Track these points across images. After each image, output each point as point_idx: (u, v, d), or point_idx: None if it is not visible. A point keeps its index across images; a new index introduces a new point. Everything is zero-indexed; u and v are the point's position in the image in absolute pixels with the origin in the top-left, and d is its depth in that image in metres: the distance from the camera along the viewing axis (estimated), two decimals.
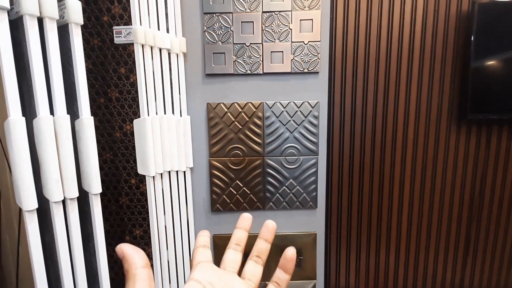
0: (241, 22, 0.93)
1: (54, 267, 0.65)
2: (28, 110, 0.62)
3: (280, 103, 0.98)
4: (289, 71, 0.96)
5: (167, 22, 0.88)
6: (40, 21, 0.59)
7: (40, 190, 0.61)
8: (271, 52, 0.95)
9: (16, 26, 0.58)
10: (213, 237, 1.04)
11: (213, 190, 1.01)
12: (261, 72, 0.96)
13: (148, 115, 0.85)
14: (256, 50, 0.95)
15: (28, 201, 0.56)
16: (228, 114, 0.98)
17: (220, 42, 0.95)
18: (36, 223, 0.58)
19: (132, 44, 0.80)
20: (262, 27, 0.94)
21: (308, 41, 0.95)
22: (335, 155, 1.06)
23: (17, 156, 0.55)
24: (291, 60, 0.96)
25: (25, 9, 0.55)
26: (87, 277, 0.70)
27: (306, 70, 0.96)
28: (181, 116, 0.96)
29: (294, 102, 0.98)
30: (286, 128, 0.99)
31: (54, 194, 0.60)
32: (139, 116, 0.83)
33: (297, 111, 0.98)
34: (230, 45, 0.95)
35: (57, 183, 0.60)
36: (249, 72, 0.96)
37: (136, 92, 0.77)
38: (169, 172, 0.93)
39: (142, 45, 0.82)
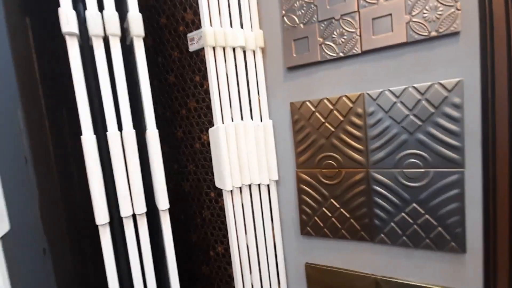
0: None
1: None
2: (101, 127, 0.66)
3: (390, 91, 0.67)
4: (404, 40, 0.64)
5: (240, 16, 0.78)
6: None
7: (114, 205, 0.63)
8: (373, 19, 0.67)
9: (87, 49, 0.63)
10: (305, 266, 0.85)
11: (302, 209, 0.82)
12: (359, 51, 0.69)
13: (223, 123, 0.77)
14: (349, 22, 0.69)
15: (100, 215, 0.59)
16: (316, 114, 0.76)
17: (301, 24, 0.75)
18: (108, 236, 0.60)
19: (203, 49, 0.75)
20: None
21: None
22: (501, 168, 0.61)
23: (90, 172, 0.58)
24: (407, 23, 0.63)
25: (91, 31, 0.57)
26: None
27: (434, 33, 0.61)
28: (261, 121, 0.83)
29: (414, 87, 0.64)
30: (403, 127, 0.67)
31: (123, 209, 0.61)
32: (213, 125, 0.77)
33: (420, 100, 0.64)
34: (314, 24, 0.73)
35: (125, 199, 0.61)
36: (341, 54, 0.71)
37: (210, 99, 0.70)
38: (250, 186, 0.82)
39: (213, 48, 0.75)
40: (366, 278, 0.76)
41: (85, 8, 0.58)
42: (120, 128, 0.61)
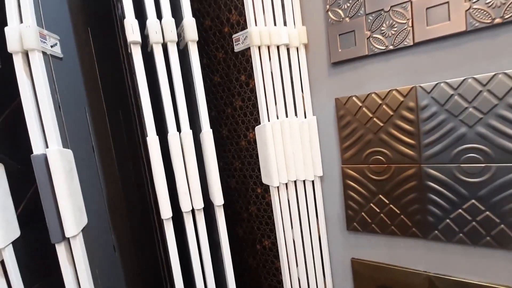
0: None
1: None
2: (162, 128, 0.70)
3: (446, 83, 0.64)
4: (464, 29, 0.61)
5: (284, 14, 0.79)
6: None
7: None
8: (427, 8, 0.64)
9: (149, 56, 0.67)
10: (351, 261, 0.85)
11: (348, 204, 0.82)
12: (411, 43, 0.67)
13: (269, 121, 0.79)
14: (401, 13, 0.67)
15: (164, 210, 0.63)
16: (364, 109, 0.75)
17: (347, 18, 0.74)
18: (172, 230, 0.65)
19: (249, 48, 0.76)
20: None
21: None
22: None
23: (155, 171, 0.62)
24: (466, 11, 0.60)
25: (152, 39, 0.61)
26: (217, 280, 0.73)
27: (499, 20, 0.57)
28: (305, 117, 0.83)
29: (474, 78, 0.61)
30: (461, 120, 0.64)
31: (184, 205, 0.65)
32: (260, 123, 0.79)
33: (481, 91, 0.61)
34: (361, 18, 0.72)
35: (186, 195, 0.65)
36: (391, 47, 0.69)
37: (256, 98, 0.72)
38: (295, 181, 0.83)
39: (259, 47, 0.76)
40: (418, 274, 0.75)
41: (143, 18, 0.62)
42: (178, 129, 0.64)
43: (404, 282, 0.77)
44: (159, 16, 0.62)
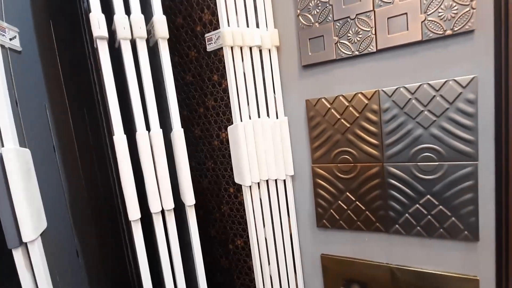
0: None
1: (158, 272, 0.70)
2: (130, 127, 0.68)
3: (405, 88, 0.69)
4: (419, 39, 0.66)
5: (256, 16, 0.80)
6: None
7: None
8: (388, 18, 0.69)
9: (117, 52, 0.65)
10: (321, 257, 0.88)
11: (318, 202, 0.85)
12: (374, 50, 0.71)
13: (241, 121, 0.79)
14: (365, 21, 0.71)
15: (132, 212, 0.61)
16: (332, 110, 0.79)
17: (317, 24, 0.77)
18: (140, 232, 0.63)
19: (222, 48, 0.77)
20: None
21: None
22: None
23: (123, 170, 0.60)
24: (422, 22, 0.65)
25: (120, 34, 0.59)
26: (189, 282, 0.72)
27: (449, 32, 0.63)
28: (277, 118, 0.85)
29: (429, 84, 0.67)
30: (417, 122, 0.69)
31: (153, 205, 0.64)
32: (232, 123, 0.79)
33: (434, 96, 0.67)
34: (329, 23, 0.75)
35: (155, 196, 0.63)
36: (356, 53, 0.73)
37: (229, 98, 0.73)
38: (267, 181, 0.85)
39: (231, 48, 0.77)
40: (381, 267, 0.80)
41: (110, 13, 0.60)
42: (148, 128, 0.63)
43: (368, 275, 0.81)
44: (128, 12, 0.60)
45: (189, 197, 0.67)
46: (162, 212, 0.65)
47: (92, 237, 0.77)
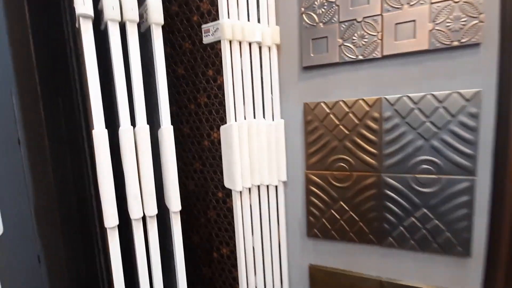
0: None
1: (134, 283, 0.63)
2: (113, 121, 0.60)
3: (408, 97, 0.67)
4: (426, 48, 0.64)
5: (258, 10, 0.75)
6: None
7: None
8: (396, 24, 0.66)
9: (102, 36, 0.57)
10: (309, 267, 0.84)
11: (310, 210, 0.82)
12: (379, 56, 0.68)
13: (236, 121, 0.74)
14: (371, 25, 0.68)
15: (109, 218, 0.54)
16: (331, 116, 0.75)
17: (321, 24, 0.73)
18: (117, 240, 0.55)
19: (220, 42, 0.71)
20: None
21: None
22: (510, 177, 0.64)
23: (100, 170, 0.53)
24: (430, 31, 0.63)
25: (107, 15, 0.52)
26: None
27: (456, 43, 0.62)
28: (273, 120, 0.81)
29: (433, 95, 0.65)
30: (419, 133, 0.67)
31: (133, 210, 0.57)
32: (226, 123, 0.74)
33: (438, 107, 0.65)
34: (334, 25, 0.72)
35: (136, 200, 0.56)
36: (361, 57, 0.70)
37: (223, 95, 0.67)
38: (259, 186, 0.80)
39: (230, 42, 0.71)
40: (370, 280, 0.77)
41: None
42: (132, 123, 0.56)
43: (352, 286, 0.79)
44: None
45: (175, 202, 0.61)
46: (144, 218, 0.58)
47: (59, 242, 0.68)
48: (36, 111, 0.63)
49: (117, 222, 0.55)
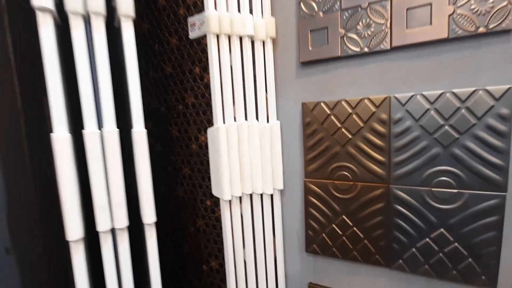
0: None
1: None
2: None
3: (423, 95, 0.57)
4: (445, 36, 0.54)
5: (250, 0, 0.68)
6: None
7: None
8: (408, 9, 0.56)
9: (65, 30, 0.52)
10: (309, 286, 0.76)
11: (308, 223, 0.73)
12: (388, 48, 0.59)
13: (224, 123, 0.67)
14: (379, 12, 0.58)
15: (71, 230, 0.49)
16: (332, 117, 0.66)
17: (321, 13, 0.64)
18: (81, 255, 0.50)
19: (206, 36, 0.64)
20: None
21: None
22: None
23: (62, 178, 0.48)
24: (450, 15, 0.53)
25: (68, 6, 0.47)
26: None
27: (482, 30, 0.51)
28: (267, 122, 0.73)
29: (453, 93, 0.54)
30: (435, 139, 0.57)
31: (100, 222, 0.51)
32: (213, 125, 0.67)
33: (459, 108, 0.54)
34: (336, 13, 0.63)
35: (103, 210, 0.51)
36: (366, 50, 0.61)
37: (211, 94, 0.60)
38: (251, 195, 0.72)
39: (217, 36, 0.65)
40: None
41: None
42: (100, 125, 0.51)
43: None
44: None
45: (148, 213, 0.55)
46: (113, 230, 0.53)
47: (33, 235, 0.64)
48: (12, 109, 0.60)
49: (81, 235, 0.49)
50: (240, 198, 0.71)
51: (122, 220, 0.52)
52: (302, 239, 0.75)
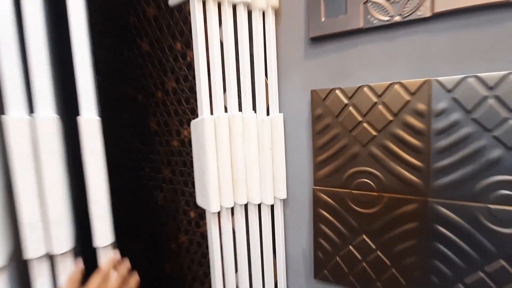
0: None
1: None
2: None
3: (477, 77, 0.41)
4: None
5: None
6: None
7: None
8: None
9: None
10: None
11: (318, 243, 0.58)
12: (428, 15, 0.44)
13: (211, 114, 0.52)
14: None
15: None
16: (351, 109, 0.51)
17: None
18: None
19: (189, 2, 0.50)
20: None
21: None
22: None
23: None
24: None
25: None
26: None
27: None
28: (268, 114, 0.58)
29: None
30: (495, 137, 0.41)
31: (30, 246, 0.37)
32: (197, 116, 0.52)
33: None
34: None
35: (34, 231, 0.36)
36: (398, 18, 0.46)
37: (195, 78, 0.45)
38: (246, 205, 0.58)
39: (203, 1, 0.50)
40: None
41: None
42: (31, 110, 0.36)
43: None
44: None
45: (102, 232, 0.40)
46: (52, 257, 0.38)
47: None
48: None
49: (3, 263, 0.35)
50: (232, 209, 0.56)
51: (64, 242, 0.37)
52: (310, 263, 0.60)
